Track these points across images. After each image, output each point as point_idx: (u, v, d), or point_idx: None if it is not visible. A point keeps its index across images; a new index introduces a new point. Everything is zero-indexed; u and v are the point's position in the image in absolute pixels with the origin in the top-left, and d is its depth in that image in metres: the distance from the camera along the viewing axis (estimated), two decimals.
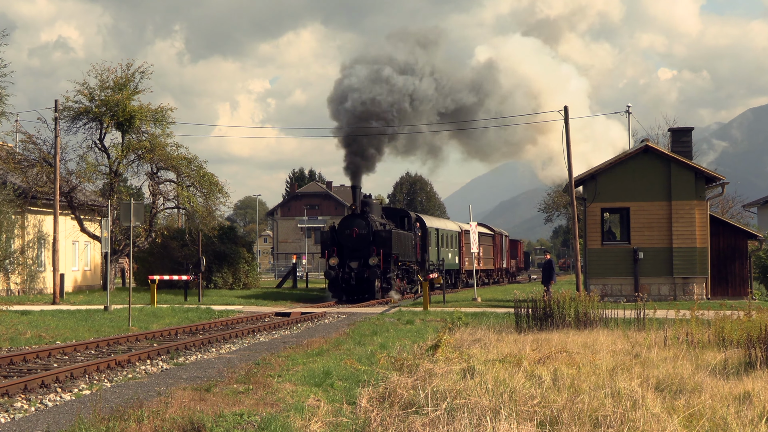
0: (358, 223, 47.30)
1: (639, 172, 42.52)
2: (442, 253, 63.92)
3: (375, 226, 47.74)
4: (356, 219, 47.61)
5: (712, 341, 20.42)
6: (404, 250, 51.55)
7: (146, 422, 11.03)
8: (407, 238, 53.15)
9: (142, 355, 19.45)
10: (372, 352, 19.89)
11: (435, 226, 64.16)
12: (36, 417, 12.32)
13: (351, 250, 47.06)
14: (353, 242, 47.05)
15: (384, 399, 12.96)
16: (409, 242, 53.79)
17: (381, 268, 46.58)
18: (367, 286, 46.78)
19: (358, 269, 46.51)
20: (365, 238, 47.02)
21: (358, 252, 46.88)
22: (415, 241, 55.97)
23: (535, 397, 12.29)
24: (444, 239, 66.06)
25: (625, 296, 40.26)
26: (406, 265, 53.02)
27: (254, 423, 11.48)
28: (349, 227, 47.53)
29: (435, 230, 63.07)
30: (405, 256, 52.00)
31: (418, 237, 56.99)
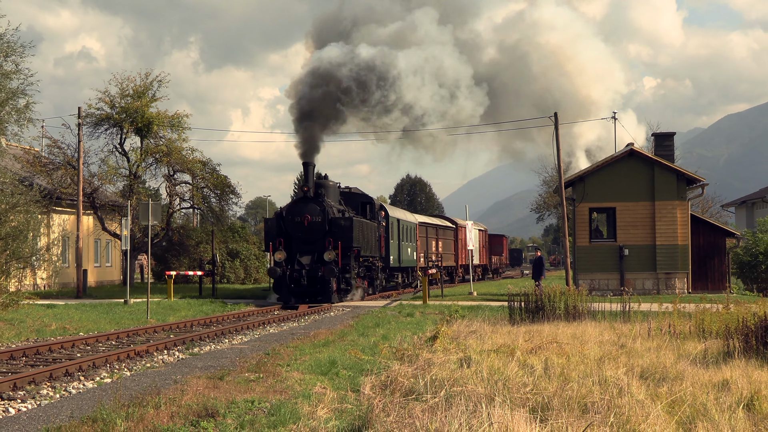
0: (310, 209, 37.33)
1: (624, 175, 42.60)
2: (403, 248, 53.54)
3: (332, 212, 37.90)
4: (309, 204, 37.47)
5: (693, 332, 20.40)
6: (367, 243, 41.15)
7: (163, 408, 11.02)
8: (370, 229, 42.63)
9: (159, 346, 19.44)
10: (375, 343, 19.88)
11: (397, 216, 52.50)
12: (61, 403, 12.32)
13: (302, 242, 37.31)
14: (305, 232, 37.21)
15: (386, 387, 12.95)
16: (372, 234, 43.20)
17: (339, 264, 36.87)
18: (321, 286, 36.66)
19: (311, 266, 36.62)
20: (319, 228, 37.25)
21: (310, 244, 37.20)
22: (379, 233, 45.54)
23: (528, 385, 12.28)
24: (404, 232, 54.18)
25: (611, 290, 40.33)
26: (368, 262, 43.00)
27: (264, 409, 11.48)
28: (299, 214, 37.36)
29: (397, 221, 51.47)
30: (368, 251, 41.66)
31: (382, 228, 46.57)
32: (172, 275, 43.04)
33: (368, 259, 42.51)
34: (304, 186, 37.97)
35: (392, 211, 52.46)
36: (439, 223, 67.61)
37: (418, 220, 60.82)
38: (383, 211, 48.01)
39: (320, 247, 37.00)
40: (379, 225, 45.40)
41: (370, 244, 41.89)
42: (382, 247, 46.25)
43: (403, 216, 56.01)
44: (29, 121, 37.74)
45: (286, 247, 37.40)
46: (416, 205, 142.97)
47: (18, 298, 31.17)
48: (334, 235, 37.21)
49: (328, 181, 41.24)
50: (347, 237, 37.39)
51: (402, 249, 52.44)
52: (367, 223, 42.00)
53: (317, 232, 37.28)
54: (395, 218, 50.97)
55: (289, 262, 36.96)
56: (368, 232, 41.70)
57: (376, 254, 44.48)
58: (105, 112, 50.30)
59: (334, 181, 41.45)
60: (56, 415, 11.28)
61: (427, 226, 62.51)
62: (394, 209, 55.95)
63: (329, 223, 37.41)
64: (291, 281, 36.47)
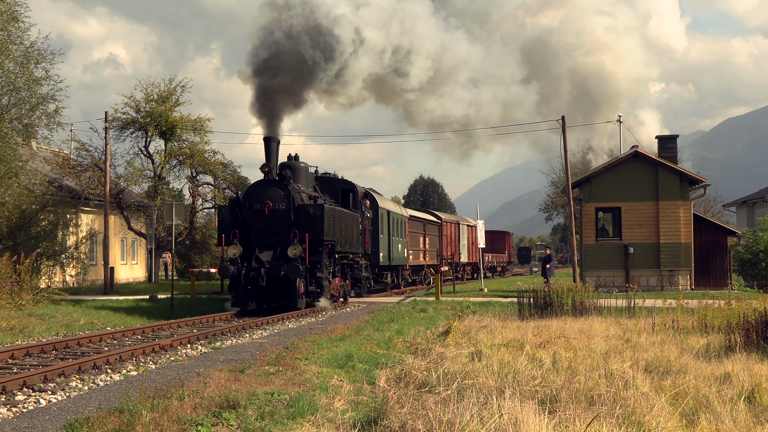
0: (272, 194, 29.45)
1: (629, 175, 42.60)
2: (394, 244, 45.72)
3: (299, 199, 29.99)
4: (270, 188, 29.56)
5: (696, 327, 20.36)
6: (346, 236, 33.54)
7: (187, 400, 11.04)
8: (351, 221, 34.91)
9: (183, 340, 19.47)
10: (389, 338, 19.86)
11: (387, 207, 44.82)
12: (89, 395, 12.35)
13: (262, 234, 29.40)
14: (265, 223, 29.33)
15: (400, 380, 12.95)
16: (354, 226, 35.55)
17: (307, 262, 29.05)
18: (284, 288, 28.92)
19: (272, 263, 28.73)
20: (283, 217, 29.23)
21: (272, 237, 29.29)
22: (363, 226, 37.72)
23: (537, 377, 12.26)
24: (395, 226, 46.45)
25: (617, 287, 40.22)
26: (348, 259, 35.44)
27: (283, 401, 11.48)
28: (258, 200, 29.47)
29: (387, 213, 44.15)
30: (347, 246, 33.93)
31: (367, 220, 38.92)
32: (195, 272, 43.16)
33: (347, 255, 35.02)
34: (265, 166, 29.56)
35: (382, 201, 44.43)
36: (427, 217, 59.98)
37: (408, 213, 53.29)
38: (369, 201, 40.38)
39: (284, 240, 29.09)
40: (363, 216, 37.79)
41: (349, 238, 34.49)
42: (367, 242, 38.87)
43: (394, 208, 48.21)
44: (58, 125, 37.98)
45: (243, 240, 29.66)
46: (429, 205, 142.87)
47: (48, 295, 31.30)
48: (301, 226, 29.31)
49: (299, 162, 33.15)
50: (317, 228, 29.57)
51: (393, 245, 45.33)
52: (347, 213, 34.50)
53: (280, 222, 29.37)
54: (385, 210, 43.80)
55: (247, 259, 29.17)
56: (348, 223, 34.13)
57: (359, 250, 37.11)
58: (131, 116, 50.46)
59: (308, 164, 33.92)
60: (85, 406, 11.31)
61: (417, 221, 54.92)
62: (385, 200, 46.80)
63: (295, 211, 29.49)
64: (248, 282, 28.68)
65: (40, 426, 10.14)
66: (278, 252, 29.10)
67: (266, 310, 29.64)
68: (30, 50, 35.46)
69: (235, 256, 29.07)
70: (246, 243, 29.54)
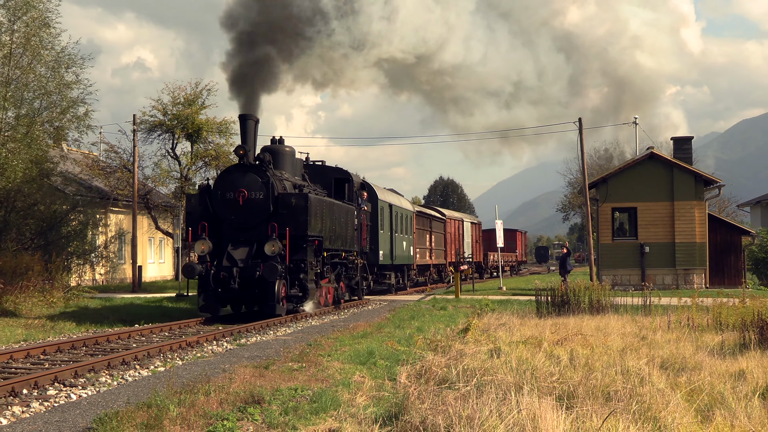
0: (248, 182, 24.98)
1: (645, 176, 42.52)
2: (398, 242, 40.97)
3: (280, 187, 25.36)
4: (246, 174, 25.08)
5: (711, 325, 20.26)
6: (337, 232, 28.68)
7: (213, 395, 11.07)
8: (344, 215, 30.00)
9: (209, 337, 19.52)
10: (410, 335, 19.86)
11: (389, 200, 40.10)
12: (118, 390, 12.40)
13: (235, 228, 24.98)
14: (239, 215, 24.92)
15: (421, 376, 12.94)
16: (349, 220, 30.59)
17: (287, 261, 24.62)
18: (261, 291, 24.23)
19: (246, 262, 24.30)
20: (261, 208, 24.81)
21: (247, 232, 24.89)
22: (360, 221, 32.75)
23: (554, 374, 12.23)
24: (398, 221, 41.46)
25: (633, 285, 40.10)
26: (341, 258, 30.18)
27: (307, 396, 11.50)
28: (232, 188, 25.08)
29: (389, 207, 39.65)
30: (339, 242, 29.06)
31: (364, 214, 33.81)
32: None
33: (339, 253, 29.87)
34: (240, 149, 25.16)
35: (383, 193, 39.77)
36: (433, 213, 55.14)
37: (416, 208, 49.18)
38: (366, 192, 35.15)
39: (262, 235, 24.61)
40: (359, 210, 32.77)
41: (342, 233, 29.55)
42: (364, 239, 33.69)
43: (398, 202, 42.80)
44: (88, 127, 38.25)
45: (214, 234, 25.19)
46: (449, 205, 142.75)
47: (78, 292, 31.47)
48: (281, 219, 24.82)
49: (284, 146, 28.41)
50: (300, 221, 24.95)
51: (396, 242, 40.44)
52: (339, 205, 29.43)
53: (257, 214, 24.91)
54: (386, 203, 39.21)
55: (217, 257, 24.75)
56: (340, 217, 29.21)
57: (355, 248, 31.87)
58: (158, 119, 50.70)
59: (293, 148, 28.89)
60: (114, 401, 11.36)
61: (424, 217, 50.66)
62: (386, 192, 41.97)
63: (275, 201, 24.93)
64: (217, 283, 24.27)
65: (71, 420, 10.19)
66: (254, 249, 24.61)
67: (243, 316, 25.87)
68: (61, 55, 35.73)
69: (204, 253, 24.71)
70: (217, 238, 25.12)
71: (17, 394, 12.08)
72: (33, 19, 34.19)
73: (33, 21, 34.20)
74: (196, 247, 24.77)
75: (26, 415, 10.72)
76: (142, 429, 9.18)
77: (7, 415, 10.62)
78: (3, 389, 11.89)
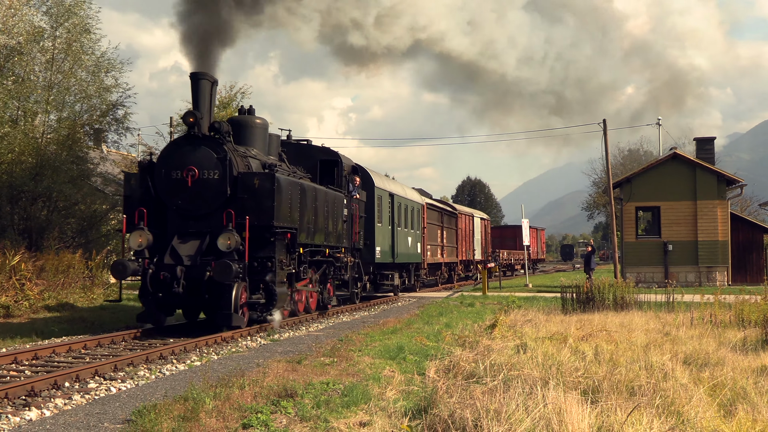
0: (200, 157, 19.32)
1: (668, 176, 42.39)
2: (401, 237, 35.18)
3: (241, 165, 19.78)
4: (198, 148, 19.40)
5: (733, 322, 20.13)
6: (319, 223, 23.03)
7: (247, 389, 11.10)
8: (332, 203, 24.40)
9: (243, 333, 19.55)
10: (438, 331, 19.84)
11: (389, 189, 34.12)
12: (156, 384, 12.47)
13: (183, 217, 19.44)
14: (188, 199, 19.35)
15: (449, 371, 12.92)
16: (336, 210, 24.93)
17: (246, 259, 18.81)
18: (213, 297, 18.89)
19: (194, 260, 18.67)
20: (215, 190, 19.29)
21: (198, 221, 19.35)
22: (351, 211, 26.94)
23: (579, 369, 12.18)
24: (402, 214, 35.86)
25: (656, 283, 39.97)
26: (323, 255, 24.13)
27: (338, 390, 11.51)
28: (179, 165, 19.40)
29: (389, 196, 33.73)
30: (322, 236, 23.45)
31: (356, 204, 27.77)
32: None
33: (321, 250, 23.86)
34: (190, 115, 19.23)
35: (381, 180, 33.50)
36: (445, 207, 49.69)
37: (425, 200, 43.06)
38: (359, 178, 28.88)
39: (216, 225, 18.91)
40: (350, 198, 26.91)
41: (325, 225, 23.76)
42: (356, 233, 27.66)
43: (401, 191, 36.82)
44: (127, 129, 38.48)
45: (157, 224, 19.56)
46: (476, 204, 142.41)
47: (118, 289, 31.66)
48: (241, 205, 19.11)
49: (254, 117, 22.40)
50: (265, 208, 19.24)
51: (398, 238, 34.62)
52: (321, 190, 23.52)
53: (211, 198, 19.23)
54: (385, 192, 33.16)
55: (157, 251, 19.06)
56: (323, 205, 23.52)
57: (343, 243, 26.03)
58: None
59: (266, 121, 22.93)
60: (152, 394, 11.42)
61: (434, 211, 45.32)
62: (386, 180, 35.79)
63: (234, 182, 19.27)
64: (157, 286, 18.68)
65: (111, 412, 10.26)
66: (206, 243, 18.86)
67: (200, 327, 20.51)
68: (101, 60, 36.00)
69: (141, 248, 19.00)
70: (161, 229, 19.53)
71: (60, 387, 12.18)
72: (74, 26, 34.49)
73: (74, 27, 34.49)
74: (131, 240, 19.07)
75: (68, 407, 10.81)
76: (179, 421, 9.23)
77: (50, 407, 10.71)
78: (46, 382, 11.99)
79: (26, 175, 31.88)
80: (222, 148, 19.38)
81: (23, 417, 10.08)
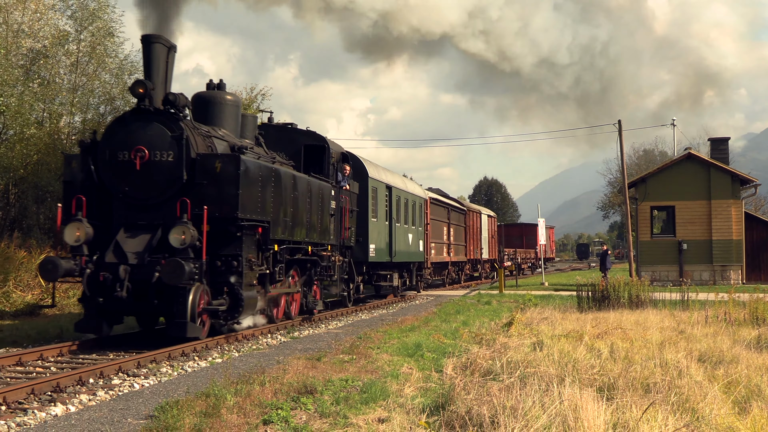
0: (150, 135, 16.04)
1: (683, 176, 42.27)
2: (399, 233, 31.23)
3: (201, 145, 16.66)
4: (149, 124, 16.13)
5: (747, 320, 20.04)
6: (299, 216, 19.88)
7: (268, 385, 11.12)
8: (317, 193, 21.33)
9: (264, 330, 19.59)
10: (456, 328, 19.83)
11: (386, 180, 30.28)
12: (178, 380, 12.50)
13: (130, 206, 16.20)
14: (136, 184, 16.10)
15: (466, 368, 12.91)
16: (322, 202, 21.83)
17: (204, 256, 15.57)
18: (163, 302, 15.49)
19: (141, 258, 15.45)
20: (168, 175, 16.07)
21: (147, 212, 16.14)
22: (340, 204, 23.72)
23: (595, 366, 12.15)
24: (402, 209, 32.12)
25: (671, 281, 39.83)
26: (307, 254, 21.05)
27: (357, 387, 11.51)
28: (126, 145, 16.09)
29: (386, 188, 30.08)
30: (303, 232, 20.26)
31: (346, 196, 24.41)
32: None
33: (302, 247, 20.55)
34: (139, 85, 16.21)
35: (375, 170, 29.35)
36: (452, 203, 46.50)
37: (429, 195, 39.45)
38: (349, 167, 25.12)
39: (170, 217, 15.85)
40: (338, 189, 23.45)
41: (309, 219, 20.52)
42: (344, 229, 24.02)
43: (401, 184, 33.02)
44: None
45: (99, 214, 16.43)
46: (492, 204, 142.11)
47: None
48: (199, 193, 16.08)
49: (224, 93, 19.34)
50: (227, 197, 16.17)
51: (397, 234, 30.76)
52: (303, 179, 20.30)
53: (164, 184, 16.16)
54: (381, 183, 29.32)
55: (101, 248, 15.85)
56: (305, 195, 20.19)
57: (330, 239, 22.63)
58: None
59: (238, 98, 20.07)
60: (174, 390, 11.45)
61: (439, 207, 42.13)
62: (382, 170, 31.08)
63: (191, 165, 16.18)
64: (96, 289, 15.54)
65: (134, 408, 10.29)
66: (156, 238, 15.72)
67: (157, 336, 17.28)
68: (124, 63, 36.17)
69: (79, 243, 15.76)
70: (106, 220, 16.32)
71: (84, 383, 12.23)
72: (98, 29, 34.70)
73: (98, 31, 34.70)
74: (67, 234, 15.74)
75: (93, 402, 10.85)
76: (201, 417, 9.25)
77: (75, 403, 10.76)
78: (71, 378, 12.05)
79: (51, 175, 32.06)
80: (178, 125, 16.09)
81: (49, 412, 10.13)
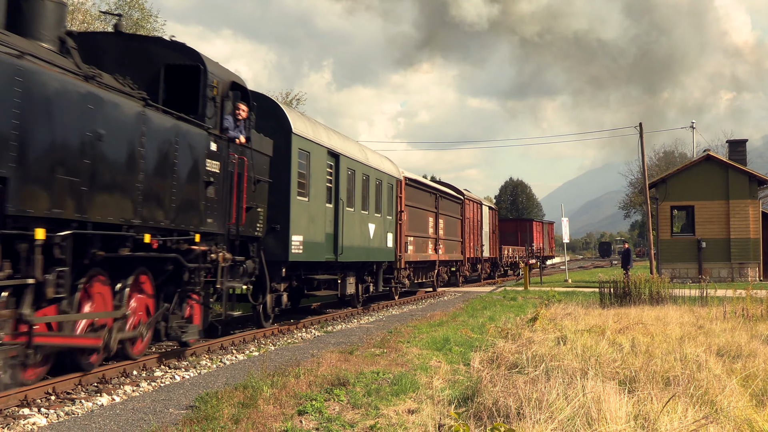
0: None
1: (702, 177, 42.02)
2: (349, 221, 21.47)
3: None
4: None
5: (765, 315, 19.84)
6: (124, 174, 10.42)
7: (302, 378, 11.14)
8: (165, 141, 11.44)
9: (299, 325, 19.65)
10: (482, 323, 19.78)
11: (329, 145, 20.36)
12: (217, 372, 12.56)
13: None
14: None
15: (493, 361, 12.87)
16: (183, 158, 11.99)
17: None
18: None
19: None
20: None
21: None
22: (228, 168, 13.81)
23: (617, 360, 12.08)
24: (359, 187, 22.60)
25: (690, 278, 39.55)
26: (152, 249, 11.43)
27: (388, 379, 11.51)
28: None
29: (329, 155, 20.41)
30: (129, 206, 10.64)
31: (241, 154, 14.28)
32: None
33: (127, 236, 10.93)
34: None
35: (306, 124, 19.66)
36: (443, 189, 36.04)
37: (404, 174, 28.87)
38: (245, 106, 14.51)
39: None
40: (223, 141, 13.75)
41: (144, 184, 11.08)
42: (235, 206, 14.25)
43: (358, 154, 23.18)
44: None
45: None
46: (518, 204, 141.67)
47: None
48: None
49: None
50: None
51: (346, 223, 21.33)
52: (128, 106, 10.73)
53: None
54: (320, 148, 19.82)
55: None
56: (130, 140, 10.67)
57: (204, 225, 13.15)
58: None
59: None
60: (213, 382, 11.50)
61: (421, 191, 31.74)
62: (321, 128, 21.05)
63: None
64: None
65: (175, 398, 10.35)
66: None
67: None
68: None
69: None
70: None
71: (128, 375, 12.31)
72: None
73: None
74: None
75: (136, 393, 10.93)
76: (239, 408, 9.28)
77: (120, 393, 10.84)
78: (116, 370, 12.13)
79: None
80: None
81: (95, 402, 10.21)
